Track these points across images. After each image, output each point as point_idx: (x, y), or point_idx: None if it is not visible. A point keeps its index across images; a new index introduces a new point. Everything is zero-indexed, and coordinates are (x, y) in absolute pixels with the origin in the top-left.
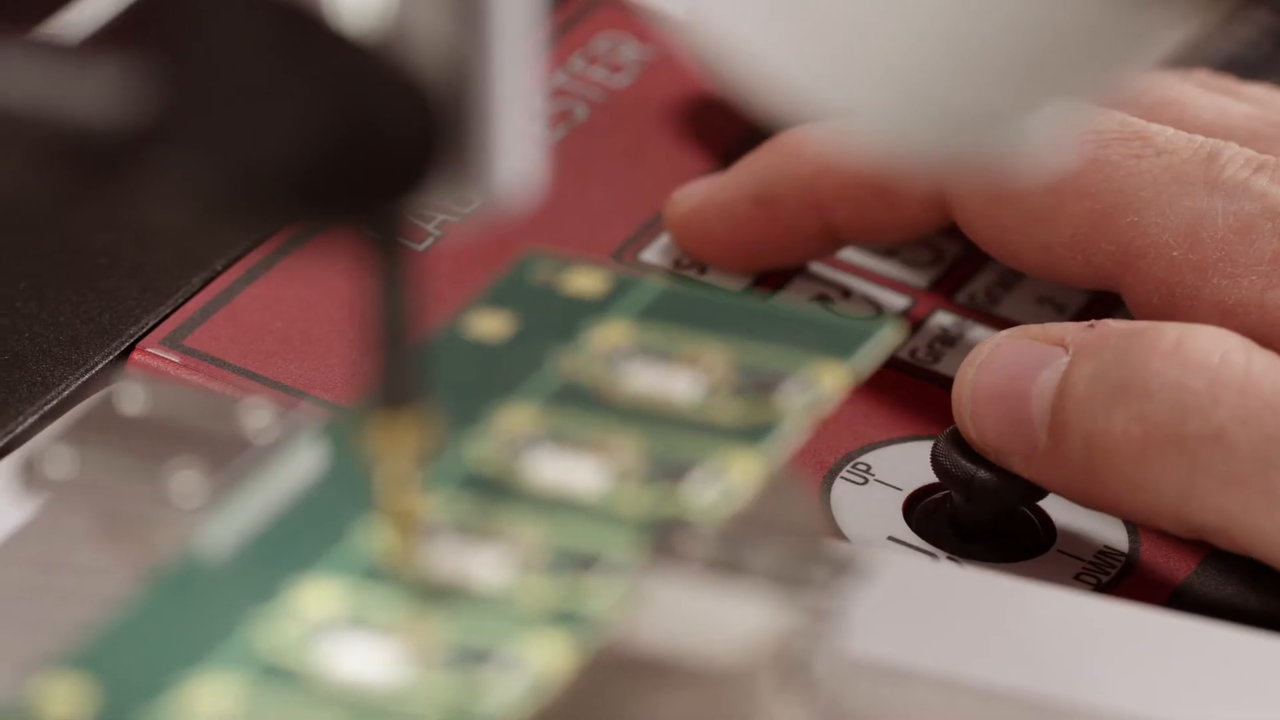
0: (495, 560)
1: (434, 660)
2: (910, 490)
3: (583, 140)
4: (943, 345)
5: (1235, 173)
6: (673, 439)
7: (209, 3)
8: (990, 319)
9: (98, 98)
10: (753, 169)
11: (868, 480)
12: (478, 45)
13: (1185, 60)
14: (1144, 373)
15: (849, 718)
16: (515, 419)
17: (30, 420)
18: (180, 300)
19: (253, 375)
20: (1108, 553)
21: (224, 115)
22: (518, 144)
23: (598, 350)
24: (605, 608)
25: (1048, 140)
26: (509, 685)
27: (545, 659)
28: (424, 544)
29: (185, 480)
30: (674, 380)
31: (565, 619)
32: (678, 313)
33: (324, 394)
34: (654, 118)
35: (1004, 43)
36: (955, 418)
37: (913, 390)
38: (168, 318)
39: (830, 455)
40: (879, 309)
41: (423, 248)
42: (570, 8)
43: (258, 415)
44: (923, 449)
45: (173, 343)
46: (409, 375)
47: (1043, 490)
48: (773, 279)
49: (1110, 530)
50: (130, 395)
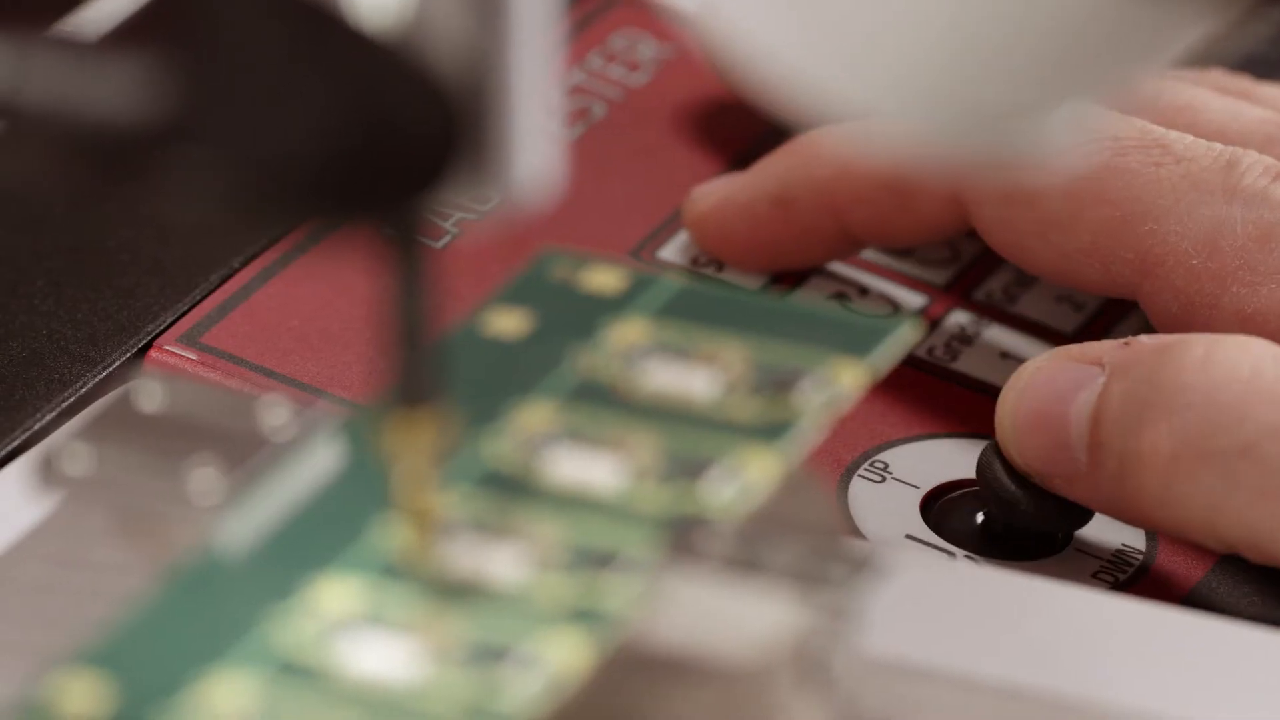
0: (513, 558)
1: (451, 658)
2: (928, 488)
3: (600, 138)
4: (960, 344)
5: (1254, 181)
6: (690, 437)
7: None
8: (1008, 317)
9: (117, 94)
10: (771, 169)
11: (885, 478)
12: (496, 43)
13: (1202, 59)
14: (1173, 388)
15: (866, 716)
16: (533, 417)
17: (48, 417)
18: (198, 298)
19: (270, 373)
20: (1124, 552)
21: (242, 112)
22: (536, 142)
23: (616, 348)
24: (623, 606)
25: (1064, 140)
26: (527, 683)
27: (563, 657)
28: (441, 542)
29: (203, 478)
30: (692, 378)
31: (583, 617)
32: (696, 311)
33: (342, 391)
34: (671, 116)
35: (1020, 42)
36: (999, 442)
37: (930, 388)
38: (185, 315)
39: (848, 453)
40: (896, 307)
41: (440, 245)
42: (587, 5)
43: (275, 413)
44: (941, 447)
45: (190, 340)
46: (427, 374)
47: (1088, 514)
48: (790, 277)
49: (1127, 530)
50: (148, 392)
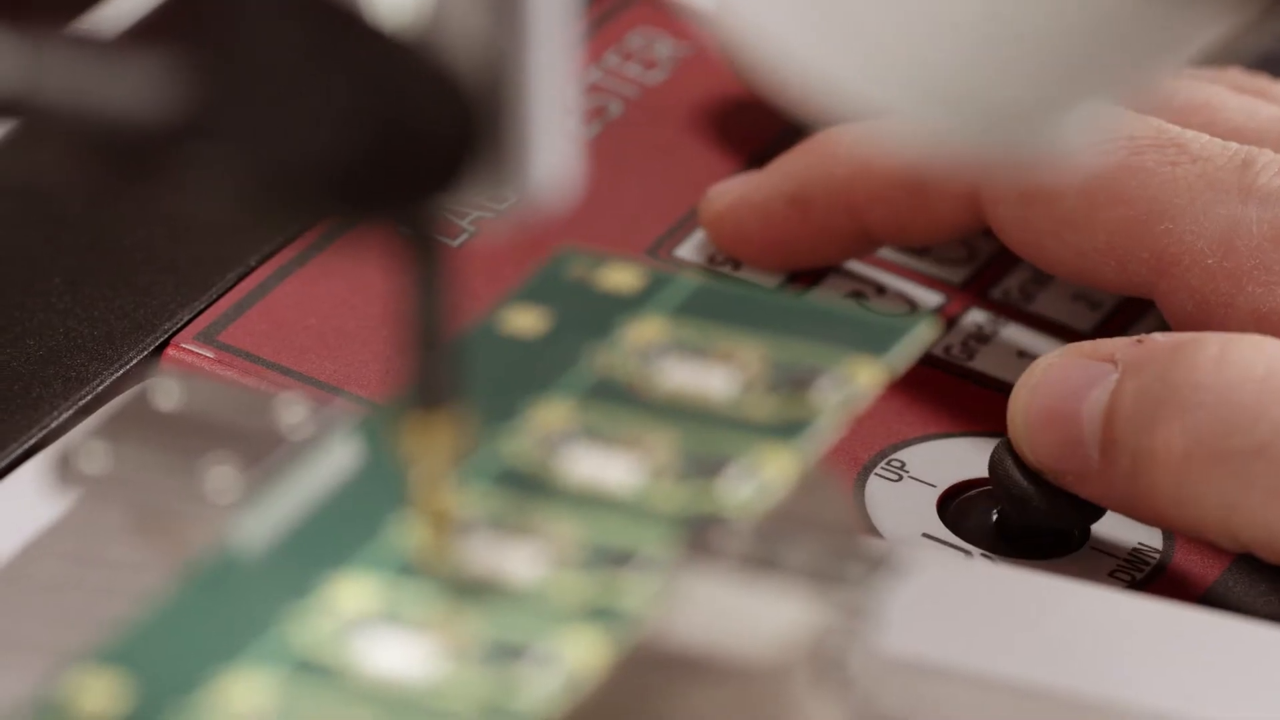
0: (530, 556)
1: (468, 656)
2: (944, 487)
3: (617, 137)
4: (977, 342)
5: (1270, 180)
6: (708, 435)
7: None
8: (1024, 316)
9: (134, 92)
10: (788, 168)
11: (902, 477)
12: (514, 42)
13: (1219, 58)
14: (1187, 387)
15: (883, 715)
16: (550, 415)
17: (65, 415)
18: (215, 296)
19: (287, 371)
20: (1140, 551)
21: (259, 111)
22: (554, 141)
23: (632, 347)
24: (640, 604)
25: (1081, 140)
26: (543, 681)
27: (580, 655)
28: (458, 540)
29: (220, 476)
30: (709, 377)
31: (600, 615)
32: (712, 309)
33: (359, 390)
34: (688, 114)
35: (1036, 42)
36: (1011, 440)
37: (947, 387)
38: (202, 313)
39: (864, 452)
40: (913, 306)
41: (457, 244)
42: (604, 4)
43: (292, 411)
44: (957, 446)
45: (207, 338)
46: (444, 375)
47: (1100, 510)
48: (806, 276)
49: (1143, 529)
50: (165, 391)
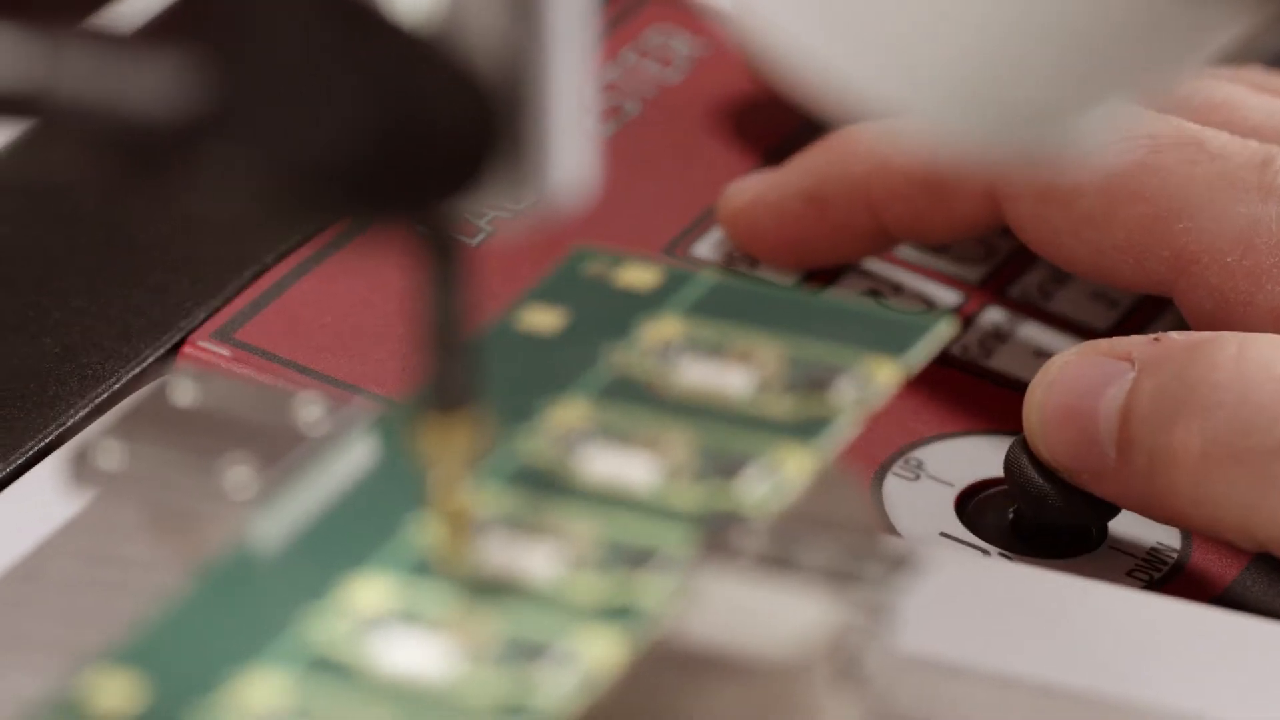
0: (547, 555)
1: (486, 655)
2: (962, 486)
3: (634, 135)
4: (995, 341)
5: None
6: (725, 434)
7: None
8: (1042, 315)
9: (151, 89)
10: (805, 166)
11: (919, 476)
12: (532, 40)
13: (1239, 56)
14: (1206, 386)
15: (901, 714)
16: (567, 414)
17: (81, 413)
18: (231, 294)
19: (304, 369)
20: (1159, 550)
21: (276, 108)
22: (572, 139)
23: (650, 345)
24: (657, 603)
25: (1100, 139)
26: (561, 680)
27: (597, 654)
28: (476, 539)
29: (236, 474)
30: (726, 375)
31: (618, 614)
32: (730, 308)
33: (376, 388)
34: (705, 112)
35: (1056, 41)
36: (1027, 437)
37: (965, 386)
38: (219, 311)
39: (882, 451)
40: (931, 304)
41: (474, 243)
42: (621, 2)
43: (309, 409)
44: (975, 445)
45: (223, 336)
46: (462, 375)
47: (1116, 508)
48: (824, 273)
49: (1161, 529)
50: (181, 389)
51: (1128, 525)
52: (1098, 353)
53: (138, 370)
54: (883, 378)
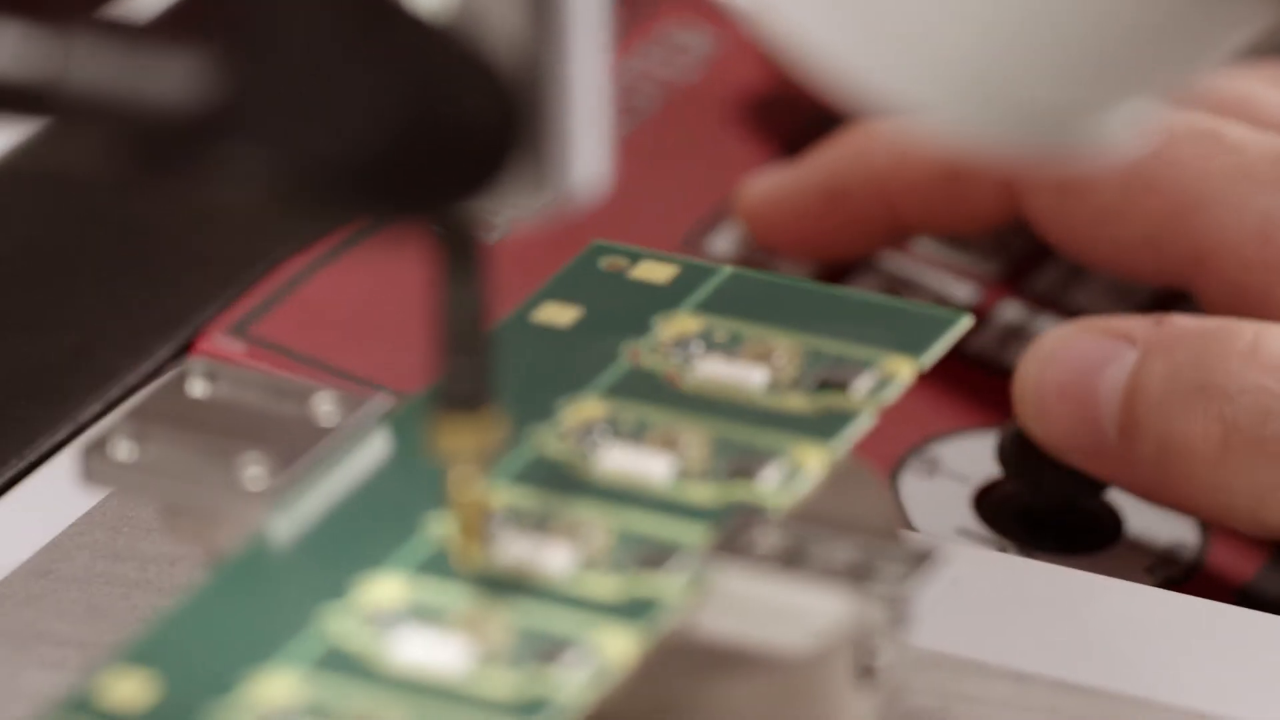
0: (563, 551)
1: (502, 651)
2: (978, 482)
3: (651, 129)
4: (1012, 336)
5: None
6: (743, 429)
7: None
8: (1060, 309)
9: (165, 82)
10: (823, 160)
11: (936, 472)
12: (550, 36)
13: (1258, 53)
14: (1222, 374)
15: (917, 710)
16: (583, 410)
17: (96, 408)
18: (246, 289)
19: (319, 364)
20: (1177, 546)
21: (293, 101)
22: (591, 135)
23: (666, 340)
24: (675, 598)
25: (1120, 137)
26: (577, 676)
27: (613, 649)
28: (492, 535)
29: (252, 470)
30: (744, 370)
31: (634, 610)
32: (747, 302)
33: (392, 384)
34: (722, 107)
35: (1074, 39)
36: (1018, 413)
37: (981, 382)
38: (234, 306)
39: (899, 447)
40: (948, 299)
41: (491, 239)
42: None
43: (324, 405)
44: (991, 441)
45: (238, 331)
46: (479, 375)
47: (1101, 484)
48: (841, 268)
49: (1179, 524)
50: (196, 383)
51: (1145, 522)
52: (1095, 330)
53: (152, 366)
54: (900, 373)
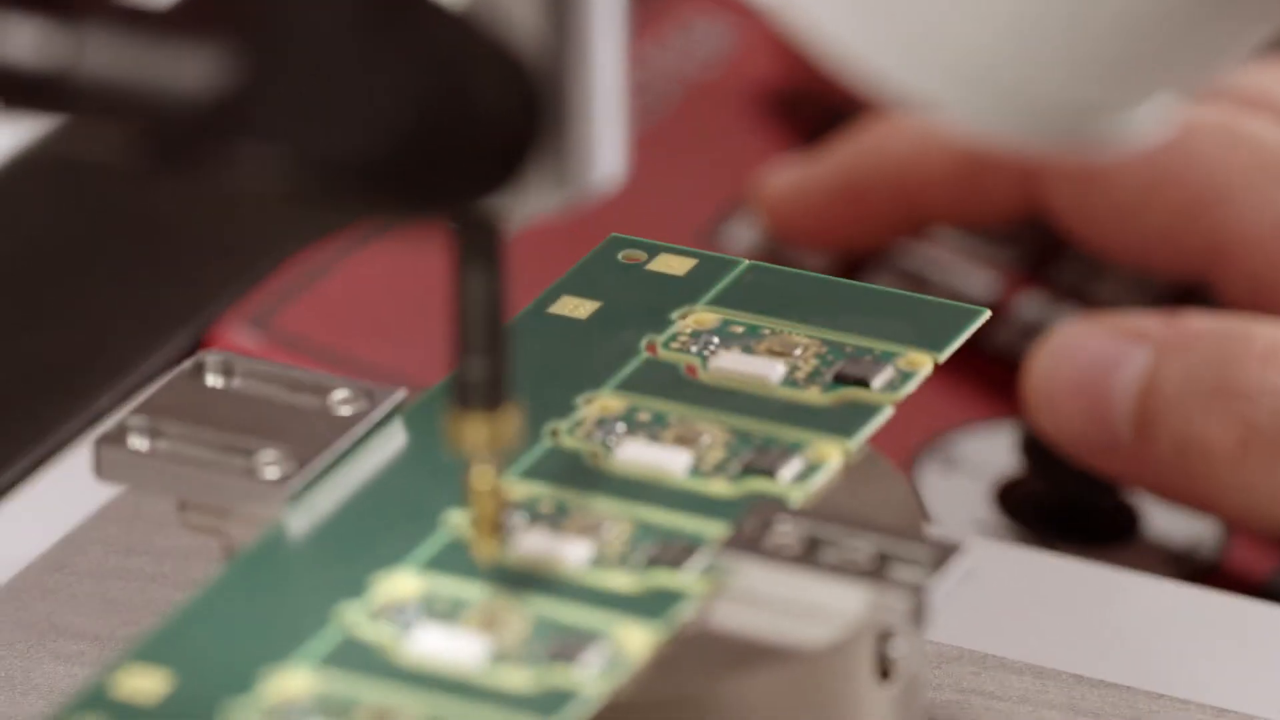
0: (580, 545)
1: (519, 645)
2: (997, 476)
3: (668, 122)
4: (1031, 330)
5: None
6: (761, 423)
7: None
8: (1078, 301)
9: (183, 73)
10: (843, 152)
11: (955, 465)
12: (570, 28)
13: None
14: (1240, 375)
15: (936, 704)
16: (601, 403)
17: (111, 400)
18: (264, 281)
19: (336, 357)
20: (1197, 541)
21: (312, 93)
22: (611, 128)
23: (684, 333)
24: (693, 590)
25: (1141, 134)
26: (595, 669)
27: (631, 643)
28: (510, 528)
29: (268, 463)
30: (762, 364)
31: (652, 603)
32: (765, 295)
33: (412, 376)
34: (741, 99)
35: (1096, 36)
36: (1028, 411)
37: (1000, 375)
38: (251, 298)
39: (918, 440)
40: (967, 292)
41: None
42: None
43: (341, 398)
44: (1009, 434)
45: (255, 323)
46: (497, 372)
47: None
48: (860, 259)
49: (1199, 521)
50: (212, 376)
51: (1165, 517)
52: (1107, 327)
53: (168, 357)
54: (919, 366)
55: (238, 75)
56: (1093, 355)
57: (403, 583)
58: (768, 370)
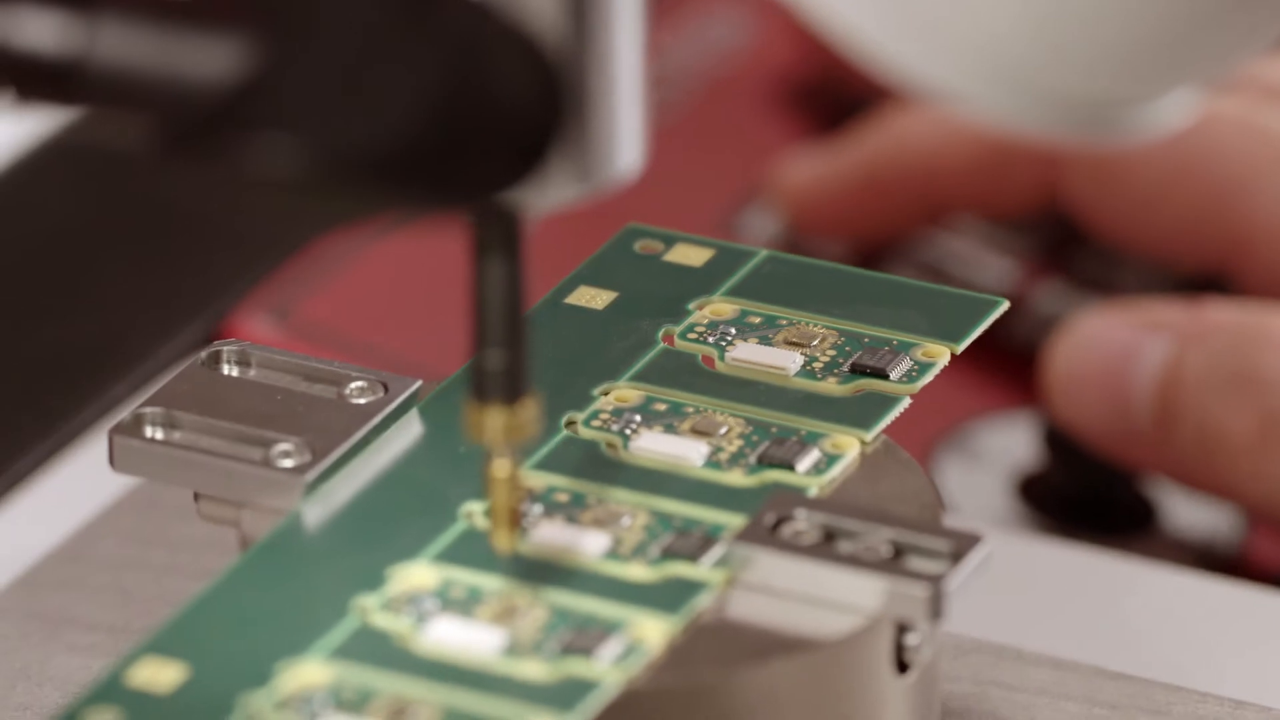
0: (598, 536)
1: (536, 636)
2: (1015, 467)
3: (687, 111)
4: (1050, 321)
5: None
6: (779, 414)
7: None
8: (1098, 292)
9: (202, 61)
10: (863, 142)
11: (972, 457)
12: (592, 17)
13: None
14: (1261, 365)
15: (954, 696)
16: (618, 393)
17: (126, 390)
18: (279, 270)
19: (353, 346)
20: (1216, 533)
21: (332, 83)
22: (633, 120)
23: (701, 323)
24: (710, 582)
25: (1161, 126)
26: (613, 656)
27: (649, 633)
28: (527, 518)
29: (284, 453)
30: (779, 354)
31: (670, 593)
32: (783, 286)
33: (432, 366)
34: (758, 89)
35: (1116, 30)
36: (1048, 398)
37: (1018, 365)
38: (266, 287)
39: (936, 430)
40: (985, 283)
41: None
42: None
43: (357, 388)
44: (1027, 425)
45: (270, 312)
46: (515, 362)
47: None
48: (878, 251)
49: (1218, 512)
50: (228, 365)
51: (1184, 508)
52: (1127, 317)
53: (183, 347)
54: (937, 357)
55: (255, 64)
56: (1113, 345)
57: (419, 573)
58: (785, 361)
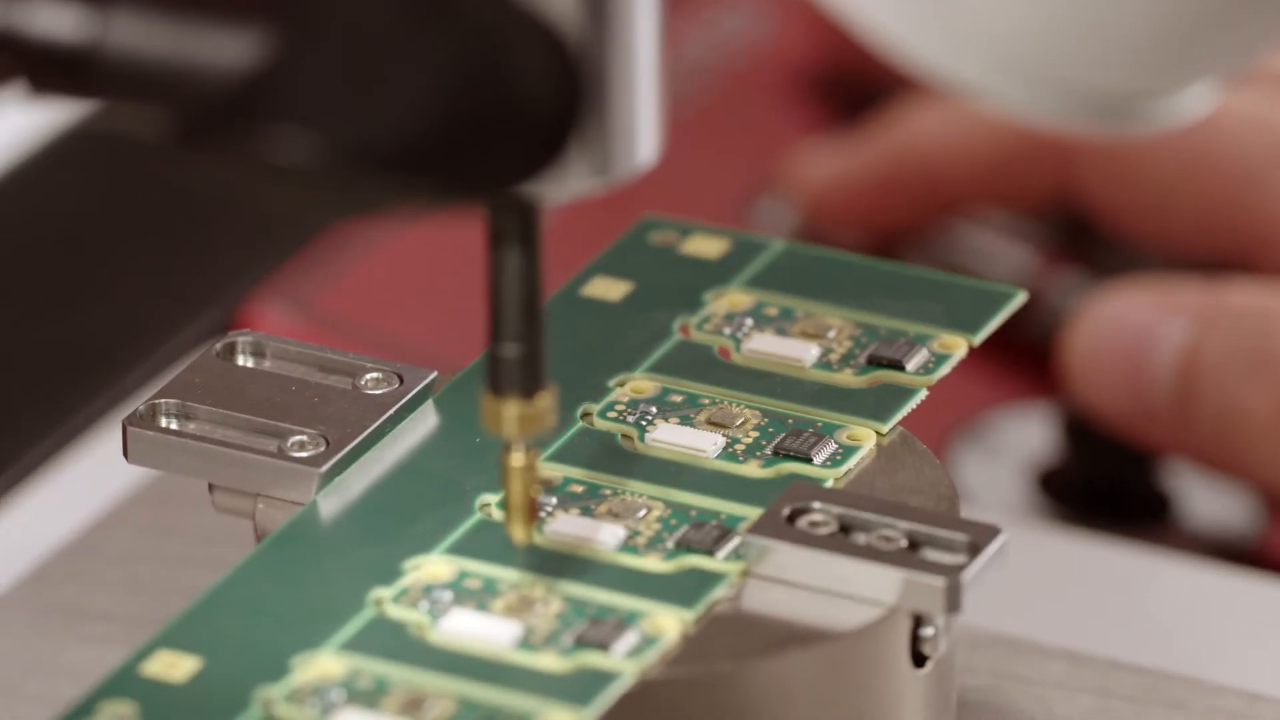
0: (614, 527)
1: (552, 627)
2: (1031, 458)
3: (705, 102)
4: (1067, 311)
5: None
6: (795, 405)
7: None
8: (1113, 283)
9: (216, 49)
10: (880, 138)
11: (989, 448)
12: (609, 11)
13: None
14: None
15: (970, 689)
16: (634, 385)
17: (140, 381)
18: (294, 261)
19: (369, 337)
20: (1233, 523)
21: (348, 73)
22: (651, 111)
23: (717, 315)
24: (726, 574)
25: (1177, 120)
26: (628, 650)
27: (665, 625)
28: (544, 510)
29: (299, 444)
30: (795, 346)
31: (684, 585)
32: (799, 277)
33: (446, 359)
34: (776, 80)
35: (1134, 25)
36: (1068, 382)
37: (1035, 357)
38: (282, 278)
39: (951, 423)
40: (1001, 276)
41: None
42: None
43: (373, 379)
44: (1044, 416)
45: (286, 303)
46: (534, 359)
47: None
48: (895, 242)
49: (1235, 499)
50: (243, 356)
51: (1202, 499)
52: (1147, 298)
53: (198, 336)
54: (953, 348)
55: (271, 54)
56: (1133, 327)
57: (435, 565)
58: (802, 352)
